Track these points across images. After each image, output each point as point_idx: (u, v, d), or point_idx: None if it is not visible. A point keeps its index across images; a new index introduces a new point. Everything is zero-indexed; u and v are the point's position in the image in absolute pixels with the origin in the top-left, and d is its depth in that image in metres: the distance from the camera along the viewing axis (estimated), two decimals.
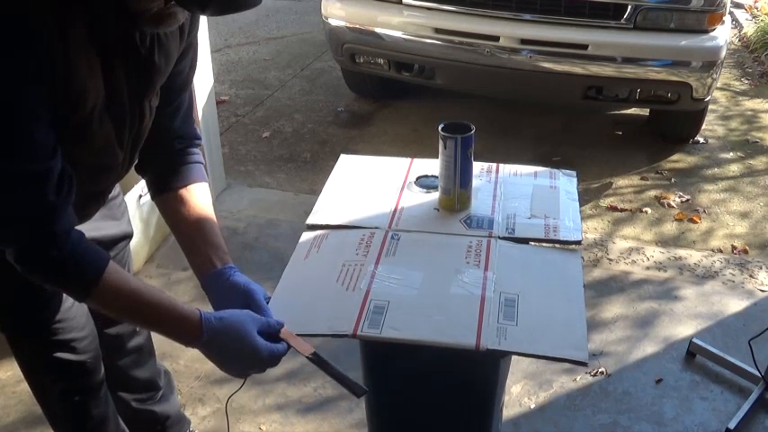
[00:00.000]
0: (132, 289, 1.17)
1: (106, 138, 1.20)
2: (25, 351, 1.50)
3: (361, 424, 2.15)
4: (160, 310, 1.18)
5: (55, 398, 1.54)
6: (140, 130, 1.28)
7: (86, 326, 1.49)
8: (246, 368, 1.23)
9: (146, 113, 1.27)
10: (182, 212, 1.38)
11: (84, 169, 1.18)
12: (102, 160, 1.25)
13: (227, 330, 1.18)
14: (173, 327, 1.18)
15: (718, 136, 4.23)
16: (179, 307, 1.19)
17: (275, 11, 6.59)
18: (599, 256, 2.98)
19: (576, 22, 3.47)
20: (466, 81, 3.82)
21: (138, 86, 1.21)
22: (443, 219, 1.58)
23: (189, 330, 1.17)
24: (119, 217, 1.60)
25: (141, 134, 1.30)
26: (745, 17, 6.26)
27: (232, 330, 1.18)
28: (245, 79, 4.95)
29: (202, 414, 2.19)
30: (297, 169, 3.79)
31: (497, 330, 1.26)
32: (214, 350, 1.19)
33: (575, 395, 2.28)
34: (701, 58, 3.45)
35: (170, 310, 1.18)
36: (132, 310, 1.18)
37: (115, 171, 1.32)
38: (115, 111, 1.18)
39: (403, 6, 3.72)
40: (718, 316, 2.63)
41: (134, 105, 1.22)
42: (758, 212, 3.45)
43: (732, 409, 2.21)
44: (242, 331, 1.18)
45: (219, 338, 1.18)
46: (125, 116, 1.22)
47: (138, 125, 1.27)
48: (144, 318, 1.21)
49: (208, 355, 1.20)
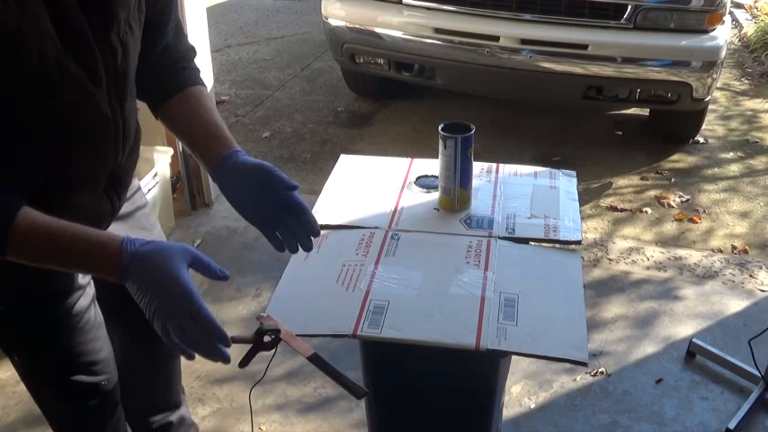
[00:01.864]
0: (47, 223, 1.04)
1: (74, 83, 1.06)
2: (37, 372, 1.43)
3: (361, 424, 2.15)
4: (78, 236, 1.05)
5: (67, 417, 1.50)
6: (117, 67, 1.13)
7: (104, 348, 1.43)
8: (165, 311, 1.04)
9: (116, 48, 1.11)
10: (182, 114, 1.30)
11: (70, 130, 1.10)
12: (83, 111, 1.11)
13: (149, 256, 1.04)
14: (92, 253, 1.05)
15: (718, 136, 4.23)
16: (100, 232, 1.08)
17: (275, 11, 6.60)
18: (599, 256, 2.98)
19: (575, 22, 3.47)
20: (466, 81, 3.82)
21: (98, 18, 1.06)
22: (443, 219, 1.58)
23: (109, 255, 1.03)
24: (149, 228, 1.51)
25: (121, 71, 1.15)
26: (745, 17, 6.26)
27: (156, 256, 1.04)
28: (245, 79, 4.95)
29: (202, 414, 2.19)
30: (297, 169, 3.79)
31: (497, 330, 1.26)
32: (134, 281, 1.04)
33: (575, 395, 2.28)
34: (701, 58, 3.46)
35: (88, 235, 1.05)
36: (48, 245, 1.05)
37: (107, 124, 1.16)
38: (78, 49, 1.04)
39: (403, 6, 3.72)
40: (718, 316, 2.63)
41: (100, 40, 1.07)
42: (758, 212, 3.45)
43: (732, 409, 2.21)
44: (166, 257, 1.04)
45: (140, 265, 1.03)
46: (93, 52, 1.07)
47: (113, 61, 1.11)
48: (61, 251, 1.05)
49: (131, 290, 1.06)
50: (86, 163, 1.19)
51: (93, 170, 1.21)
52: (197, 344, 1.04)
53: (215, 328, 1.03)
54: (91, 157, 1.18)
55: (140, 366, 1.63)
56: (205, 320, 1.02)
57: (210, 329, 1.03)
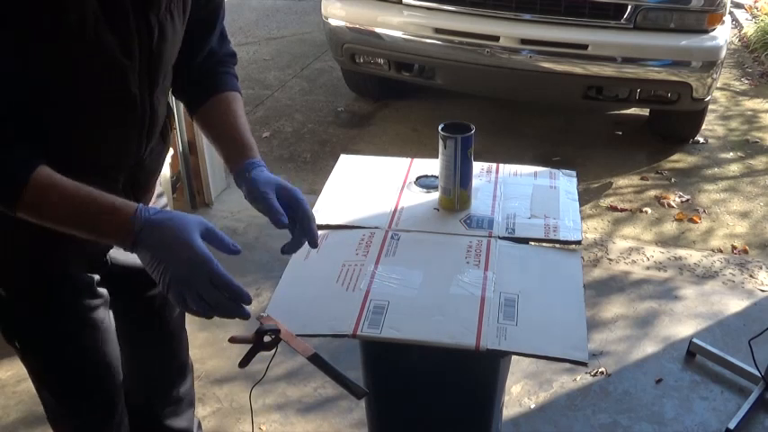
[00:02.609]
0: (63, 183, 1.04)
1: (106, 53, 1.05)
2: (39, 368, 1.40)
3: (361, 423, 2.15)
4: (91, 200, 1.05)
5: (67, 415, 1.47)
6: (152, 48, 1.12)
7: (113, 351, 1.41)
8: (183, 277, 1.04)
9: (153, 29, 1.11)
10: (214, 118, 1.33)
11: (93, 105, 1.09)
12: (110, 85, 1.10)
13: (163, 223, 1.04)
14: (103, 218, 1.05)
15: (718, 136, 4.23)
16: (114, 198, 1.07)
17: (275, 11, 6.60)
18: (599, 255, 2.98)
19: (575, 22, 3.47)
20: (466, 81, 3.82)
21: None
22: (443, 219, 1.58)
23: (121, 221, 1.04)
24: None
25: (156, 55, 1.14)
26: (745, 17, 6.26)
27: (169, 224, 1.04)
28: (245, 79, 4.95)
29: (202, 414, 2.19)
30: (297, 169, 3.79)
31: (497, 330, 1.26)
32: (147, 248, 1.04)
33: (575, 395, 2.28)
34: (701, 58, 3.46)
35: (103, 200, 1.05)
36: (61, 206, 1.05)
37: (134, 107, 1.15)
38: (117, 20, 1.04)
39: (403, 6, 3.72)
40: (718, 316, 2.63)
41: (139, 18, 1.08)
42: (758, 212, 3.45)
43: (732, 409, 2.21)
44: (182, 227, 1.04)
45: (154, 232, 1.04)
46: (129, 27, 1.07)
47: (149, 41, 1.11)
48: (74, 212, 1.06)
49: (143, 259, 1.06)
50: (108, 148, 1.17)
51: (115, 159, 1.20)
52: (218, 307, 1.06)
53: (236, 290, 1.05)
54: (114, 141, 1.17)
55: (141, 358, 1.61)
56: (226, 284, 1.04)
57: (232, 292, 1.05)
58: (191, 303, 1.05)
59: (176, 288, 1.04)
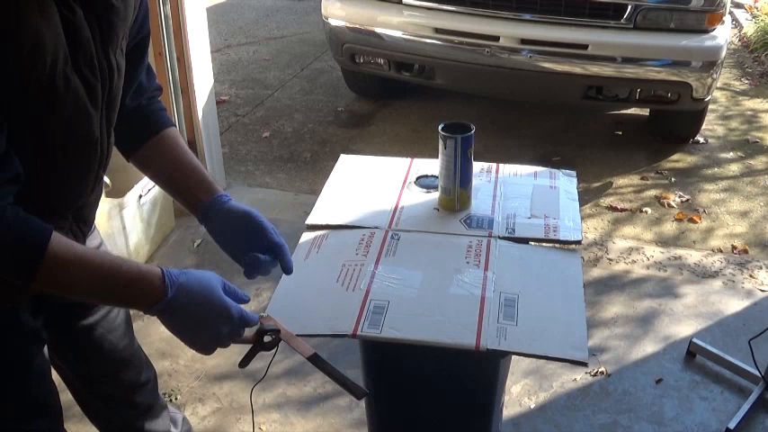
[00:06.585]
0: (81, 254, 1.02)
1: (76, 100, 1.04)
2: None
3: (361, 423, 2.15)
4: (116, 270, 1.03)
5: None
6: (112, 89, 1.12)
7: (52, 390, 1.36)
8: (214, 331, 1.09)
9: (113, 68, 1.10)
10: (160, 158, 1.29)
11: (58, 150, 1.07)
12: (77, 130, 1.08)
13: (191, 285, 1.06)
14: (133, 287, 1.04)
15: (718, 136, 4.23)
16: (137, 264, 1.06)
17: (275, 11, 6.60)
18: (599, 255, 2.98)
19: (575, 22, 3.47)
20: (466, 81, 3.82)
21: (100, 33, 1.05)
22: (443, 219, 1.58)
23: (151, 288, 1.03)
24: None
25: (114, 95, 1.14)
26: (745, 17, 6.26)
27: (197, 285, 1.06)
28: (245, 79, 4.95)
29: (202, 414, 2.19)
30: (297, 169, 3.79)
31: (497, 330, 1.26)
32: (179, 310, 1.05)
33: (575, 395, 2.28)
34: (701, 58, 3.46)
35: (128, 268, 1.04)
36: (85, 278, 1.02)
37: (95, 148, 1.14)
38: (82, 63, 1.03)
39: (403, 6, 3.72)
40: (718, 316, 2.63)
41: (101, 58, 1.07)
42: (758, 212, 3.45)
43: (732, 409, 2.21)
44: (209, 287, 1.07)
45: (185, 294, 1.05)
46: (95, 70, 1.06)
47: (109, 82, 1.11)
48: (100, 284, 1.04)
49: (171, 319, 1.07)
50: (62, 188, 1.15)
51: (69, 199, 1.18)
52: (234, 339, 1.15)
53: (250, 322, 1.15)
54: (69, 181, 1.15)
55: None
56: (247, 323, 1.14)
57: (248, 324, 1.15)
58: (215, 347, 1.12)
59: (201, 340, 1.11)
